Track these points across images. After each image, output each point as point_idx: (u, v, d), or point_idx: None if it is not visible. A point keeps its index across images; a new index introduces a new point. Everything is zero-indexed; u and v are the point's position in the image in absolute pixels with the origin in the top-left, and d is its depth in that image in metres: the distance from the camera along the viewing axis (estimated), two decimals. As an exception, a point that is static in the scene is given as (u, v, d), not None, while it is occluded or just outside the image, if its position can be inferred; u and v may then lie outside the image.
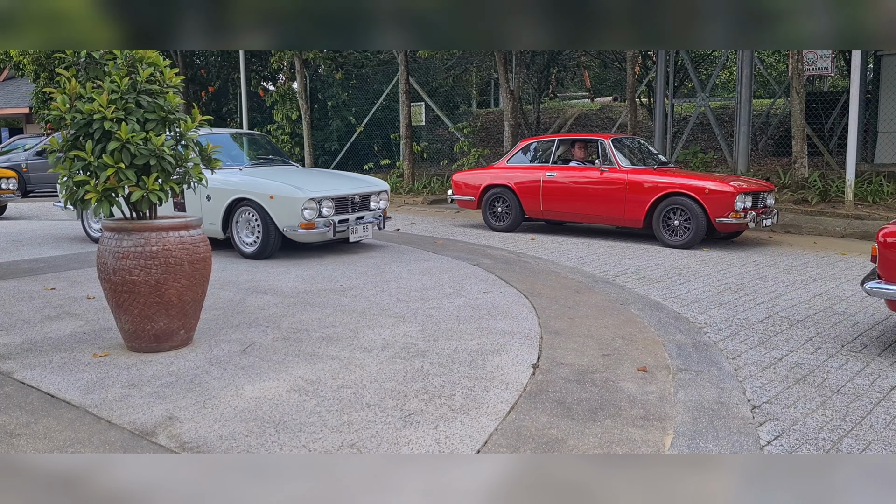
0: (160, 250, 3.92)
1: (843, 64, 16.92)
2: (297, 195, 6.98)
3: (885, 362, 4.07)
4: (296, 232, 7.01)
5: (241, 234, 7.39)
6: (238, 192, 7.27)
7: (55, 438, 2.96)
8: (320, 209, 7.10)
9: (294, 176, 7.66)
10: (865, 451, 2.95)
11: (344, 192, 7.39)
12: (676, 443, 2.95)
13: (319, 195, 7.10)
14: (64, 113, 3.88)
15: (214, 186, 7.33)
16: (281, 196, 7.04)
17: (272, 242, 7.18)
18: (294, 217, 7.00)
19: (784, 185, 11.72)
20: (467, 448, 2.86)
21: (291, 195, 7.00)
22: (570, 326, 4.69)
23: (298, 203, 6.96)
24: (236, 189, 7.29)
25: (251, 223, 7.32)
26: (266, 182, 7.25)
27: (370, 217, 7.69)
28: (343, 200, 7.41)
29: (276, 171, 7.88)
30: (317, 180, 7.61)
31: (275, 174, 7.67)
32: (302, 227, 6.98)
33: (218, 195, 7.40)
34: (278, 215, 7.06)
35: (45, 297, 5.50)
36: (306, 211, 6.97)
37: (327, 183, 7.57)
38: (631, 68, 15.24)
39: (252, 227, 7.32)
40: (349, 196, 7.46)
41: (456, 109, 21.01)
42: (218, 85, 21.70)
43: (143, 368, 3.80)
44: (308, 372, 3.74)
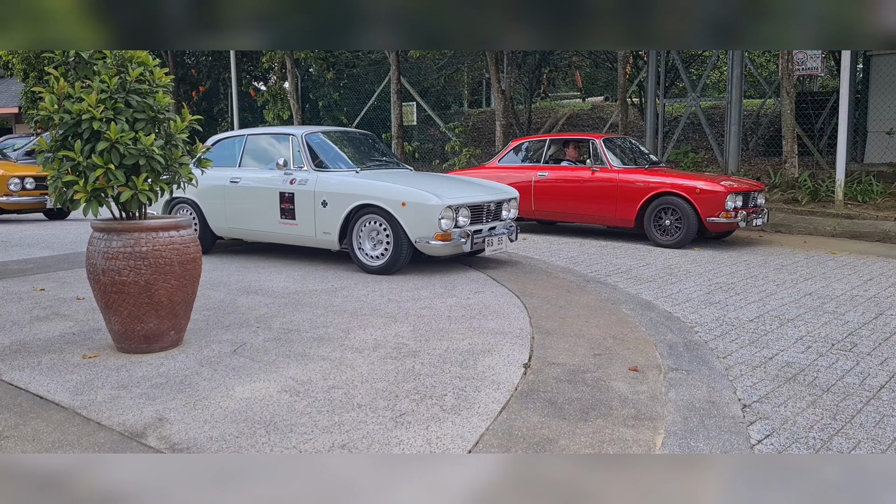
0: (150, 251, 3.90)
1: (832, 64, 17.00)
2: (434, 202, 6.13)
3: (874, 361, 4.09)
4: (429, 244, 6.18)
5: (364, 245, 6.51)
6: (361, 197, 6.40)
7: (44, 440, 2.94)
8: (456, 218, 6.27)
9: (420, 180, 6.82)
10: (855, 449, 2.96)
11: (480, 200, 6.54)
12: (667, 442, 2.96)
13: (456, 202, 6.27)
14: (52, 113, 3.85)
15: (331, 190, 6.56)
16: (415, 203, 6.17)
17: (403, 255, 6.31)
18: (429, 227, 6.14)
19: (774, 185, 11.77)
20: (458, 448, 2.86)
21: (427, 202, 6.14)
22: (561, 326, 4.69)
23: (435, 211, 6.11)
24: (359, 194, 6.42)
25: (376, 233, 6.44)
26: (394, 186, 6.37)
27: (502, 228, 6.79)
28: (478, 209, 6.57)
29: (396, 175, 7.02)
30: (447, 185, 6.71)
31: (398, 178, 6.80)
32: (437, 238, 6.13)
33: (336, 201, 6.54)
34: (411, 224, 6.19)
35: (35, 298, 5.47)
36: (443, 220, 6.13)
37: (460, 189, 6.67)
38: (622, 68, 15.28)
39: (378, 237, 6.43)
40: (485, 204, 6.61)
41: (447, 109, 21.01)
42: (209, 85, 21.64)
43: (133, 369, 3.78)
44: (299, 372, 3.73)
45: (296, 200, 6.80)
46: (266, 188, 7.04)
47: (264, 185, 7.06)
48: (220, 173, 7.39)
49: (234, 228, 7.42)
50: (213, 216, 7.54)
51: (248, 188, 7.18)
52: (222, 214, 7.46)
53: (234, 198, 7.31)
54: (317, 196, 6.65)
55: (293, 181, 6.83)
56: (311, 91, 20.09)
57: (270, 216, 7.01)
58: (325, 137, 7.39)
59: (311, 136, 7.15)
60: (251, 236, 7.39)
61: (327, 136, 7.47)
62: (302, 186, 6.75)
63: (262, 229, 7.15)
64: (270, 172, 7.10)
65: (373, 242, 6.48)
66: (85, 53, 3.98)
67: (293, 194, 6.80)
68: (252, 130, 7.74)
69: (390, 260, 6.35)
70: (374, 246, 6.47)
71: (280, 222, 6.94)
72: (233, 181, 7.31)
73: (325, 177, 6.70)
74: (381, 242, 6.43)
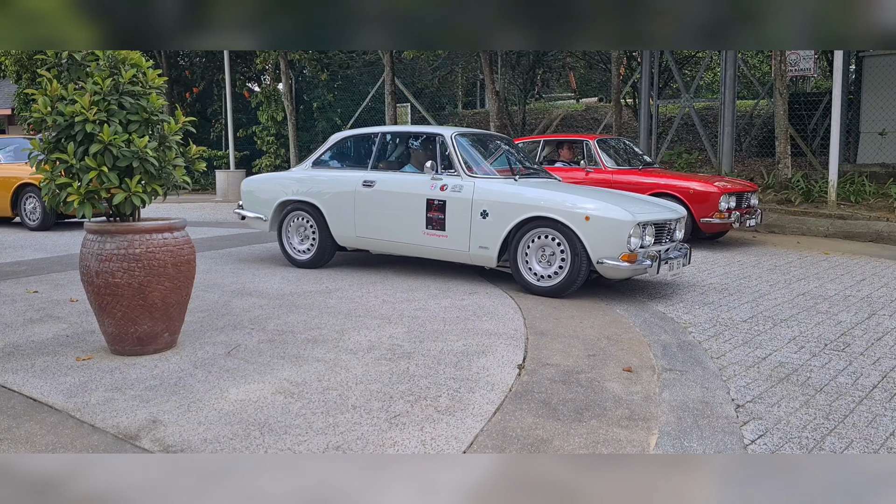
0: (143, 252, 3.89)
1: (825, 65, 17.06)
2: (624, 217, 5.31)
3: (867, 361, 4.11)
4: (612, 265, 5.34)
5: (532, 263, 5.68)
6: (533, 208, 5.58)
7: (37, 443, 2.93)
8: (643, 237, 5.52)
9: (592, 191, 6.08)
10: (848, 448, 2.97)
11: (664, 217, 5.77)
12: (661, 442, 2.97)
13: (645, 219, 5.48)
14: (45, 115, 3.84)
15: (494, 199, 5.77)
16: (601, 217, 5.36)
17: (580, 276, 5.49)
18: (616, 246, 5.32)
19: (768, 186, 11.81)
20: (453, 449, 2.86)
21: (617, 217, 5.33)
22: (555, 327, 4.70)
23: (625, 228, 5.29)
24: (530, 205, 5.61)
25: (547, 250, 5.62)
26: (575, 198, 5.58)
27: (675, 249, 5.98)
28: (661, 228, 5.81)
29: (558, 185, 6.30)
30: (622, 199, 5.90)
31: (564, 188, 6.10)
32: (624, 259, 5.31)
33: (500, 211, 5.73)
34: (594, 242, 5.37)
35: (28, 300, 5.45)
36: (633, 238, 5.32)
37: (638, 204, 5.86)
38: (616, 69, 15.32)
39: (548, 255, 5.62)
40: (667, 222, 5.84)
41: (442, 110, 21.04)
42: (203, 86, 21.62)
43: (127, 372, 3.78)
44: (293, 374, 3.73)
45: (447, 209, 5.96)
46: (409, 194, 6.20)
47: (407, 191, 6.22)
48: (347, 175, 6.69)
49: (364, 238, 6.58)
50: (339, 224, 6.68)
51: (385, 193, 6.36)
52: (350, 222, 6.60)
53: (368, 204, 6.47)
54: (475, 205, 5.83)
55: (444, 187, 6.03)
56: (305, 92, 20.09)
57: (413, 226, 6.19)
58: (474, 139, 6.67)
59: (460, 137, 6.37)
60: (385, 248, 6.55)
61: (475, 137, 6.72)
62: (456, 194, 5.95)
63: (401, 240, 6.33)
64: (414, 176, 6.31)
65: (541, 261, 5.65)
66: (78, 55, 3.97)
67: (444, 202, 6.00)
68: (385, 128, 7.03)
69: (565, 281, 5.52)
70: (542, 265, 5.65)
71: (425, 233, 6.13)
72: (366, 184, 6.48)
73: (485, 184, 5.92)
74: (554, 261, 5.60)
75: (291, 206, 7.01)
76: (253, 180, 7.51)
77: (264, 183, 7.35)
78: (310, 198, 6.83)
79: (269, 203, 7.18)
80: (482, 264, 5.93)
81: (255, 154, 20.00)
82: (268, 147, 19.22)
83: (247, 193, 7.43)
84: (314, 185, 6.84)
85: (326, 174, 6.89)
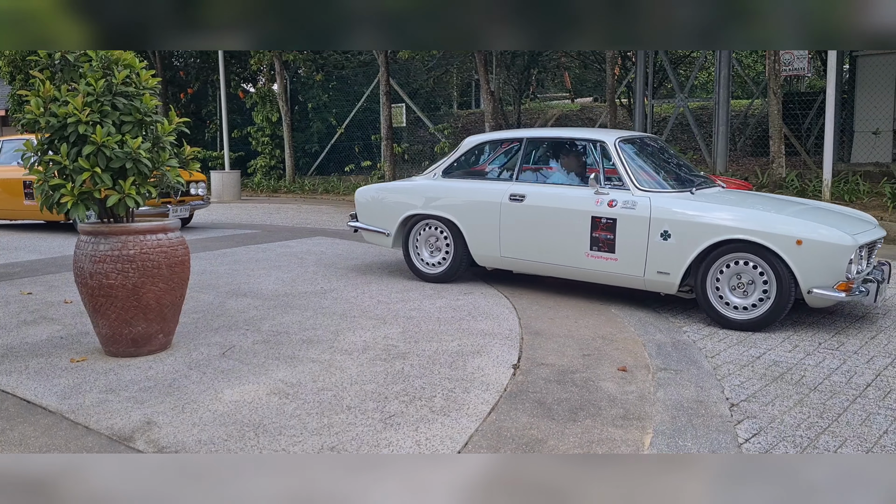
0: (137, 254, 3.89)
1: (819, 64, 17.12)
2: (845, 242, 4.51)
3: (860, 360, 4.12)
4: (826, 295, 4.55)
5: (725, 291, 4.84)
6: (728, 230, 4.75)
7: (31, 445, 2.92)
8: (861, 262, 4.74)
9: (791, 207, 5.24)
10: (842, 447, 2.98)
11: (876, 236, 4.98)
12: (656, 442, 2.97)
13: (864, 240, 4.71)
14: (38, 116, 3.84)
15: (677, 218, 4.93)
16: (817, 242, 4.54)
17: (786, 308, 4.68)
18: (833, 273, 4.52)
19: (762, 185, 11.83)
20: (448, 449, 2.86)
21: (835, 241, 4.53)
22: (550, 327, 4.70)
23: (845, 253, 4.50)
24: (723, 226, 4.78)
25: (743, 277, 4.79)
26: (782, 218, 4.77)
27: (878, 270, 5.09)
28: (872, 247, 5.02)
29: (744, 199, 5.39)
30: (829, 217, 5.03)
31: (755, 203, 5.19)
32: (840, 288, 4.52)
33: (685, 232, 4.89)
34: (806, 270, 4.57)
35: (22, 302, 5.44)
36: (853, 265, 4.55)
37: (847, 222, 5.00)
38: (611, 69, 15.33)
39: (745, 283, 4.78)
40: (877, 241, 5.04)
41: (437, 111, 21.04)
42: (197, 87, 21.59)
43: (121, 373, 3.77)
44: (288, 375, 3.73)
45: (618, 228, 5.15)
46: (570, 210, 5.37)
47: (567, 207, 5.40)
48: (489, 187, 5.91)
49: (510, 259, 5.80)
50: (480, 241, 5.91)
51: (539, 209, 5.54)
52: (493, 241, 5.82)
53: (516, 220, 5.66)
54: (654, 225, 5.00)
55: (612, 203, 5.20)
56: (300, 93, 20.08)
57: (574, 247, 5.37)
58: (639, 145, 5.80)
59: (625, 144, 5.52)
60: (536, 270, 5.72)
61: (639, 143, 5.83)
62: (629, 211, 5.11)
63: (558, 263, 5.51)
64: (573, 190, 5.49)
65: (736, 290, 4.82)
66: (71, 56, 3.97)
67: (614, 220, 5.18)
68: (532, 132, 6.16)
69: (768, 314, 4.70)
70: (738, 295, 4.81)
71: (588, 255, 5.31)
72: (514, 198, 5.67)
73: (662, 200, 5.07)
74: (752, 290, 4.76)
75: (419, 217, 6.28)
76: (370, 191, 6.70)
77: (386, 194, 6.56)
78: (444, 212, 6.06)
79: (392, 217, 6.40)
80: (659, 290, 5.20)
81: (250, 155, 19.98)
82: (263, 148, 19.20)
83: (364, 205, 6.67)
84: (449, 197, 6.07)
85: (463, 185, 6.08)
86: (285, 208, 13.71)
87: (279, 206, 13.89)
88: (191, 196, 10.22)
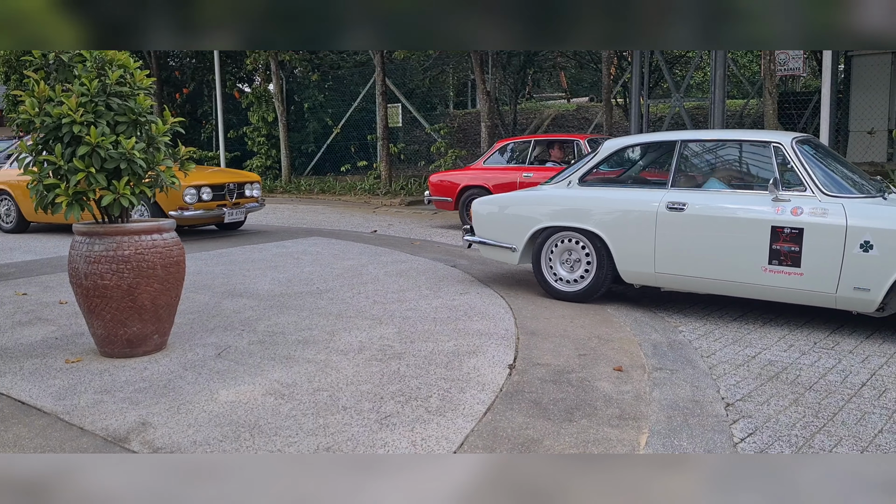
0: (132, 254, 3.88)
1: (814, 64, 17.16)
2: None
3: (856, 359, 4.13)
4: None
5: None
6: None
7: (26, 446, 2.91)
8: None
9: None
10: (837, 446, 2.98)
11: None
12: (651, 441, 2.97)
13: None
14: (33, 116, 3.82)
15: (880, 227, 4.38)
16: None
17: None
18: None
19: (758, 185, 11.86)
20: (444, 449, 2.86)
21: None
22: (546, 327, 4.70)
23: None
24: None
25: None
26: None
27: None
28: None
29: None
30: None
31: None
32: None
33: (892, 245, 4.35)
34: None
35: (17, 303, 5.42)
36: None
37: None
38: (606, 69, 15.34)
39: None
40: None
41: (433, 111, 21.04)
42: (193, 87, 21.54)
43: (116, 374, 3.76)
44: (284, 375, 3.72)
45: (804, 239, 4.59)
46: (744, 220, 4.79)
47: (741, 216, 4.81)
48: (641, 195, 5.25)
49: (667, 275, 5.14)
50: (630, 257, 5.25)
51: (705, 219, 4.93)
52: (647, 255, 5.17)
53: (676, 232, 5.04)
54: (851, 235, 4.44)
55: (796, 211, 4.66)
56: (296, 93, 20.06)
57: (748, 261, 4.78)
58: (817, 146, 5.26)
59: (803, 145, 4.97)
60: (700, 286, 5.09)
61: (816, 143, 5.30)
62: (819, 219, 4.56)
63: (727, 278, 4.90)
64: (746, 196, 4.92)
65: None
66: (65, 56, 3.96)
67: (800, 231, 4.62)
68: (687, 134, 5.46)
69: None
70: None
71: (766, 270, 4.73)
72: (672, 207, 5.04)
73: (857, 207, 4.52)
74: None
75: (552, 230, 5.61)
76: (492, 201, 6.04)
77: (511, 204, 5.88)
78: (586, 224, 5.39)
79: (520, 230, 5.72)
80: (852, 308, 4.59)
81: (245, 155, 19.94)
82: (259, 148, 19.17)
83: (483, 217, 6.00)
84: (590, 207, 5.39)
85: (607, 194, 5.43)
86: (281, 208, 13.70)
87: (275, 206, 13.88)
88: (245, 198, 9.65)
